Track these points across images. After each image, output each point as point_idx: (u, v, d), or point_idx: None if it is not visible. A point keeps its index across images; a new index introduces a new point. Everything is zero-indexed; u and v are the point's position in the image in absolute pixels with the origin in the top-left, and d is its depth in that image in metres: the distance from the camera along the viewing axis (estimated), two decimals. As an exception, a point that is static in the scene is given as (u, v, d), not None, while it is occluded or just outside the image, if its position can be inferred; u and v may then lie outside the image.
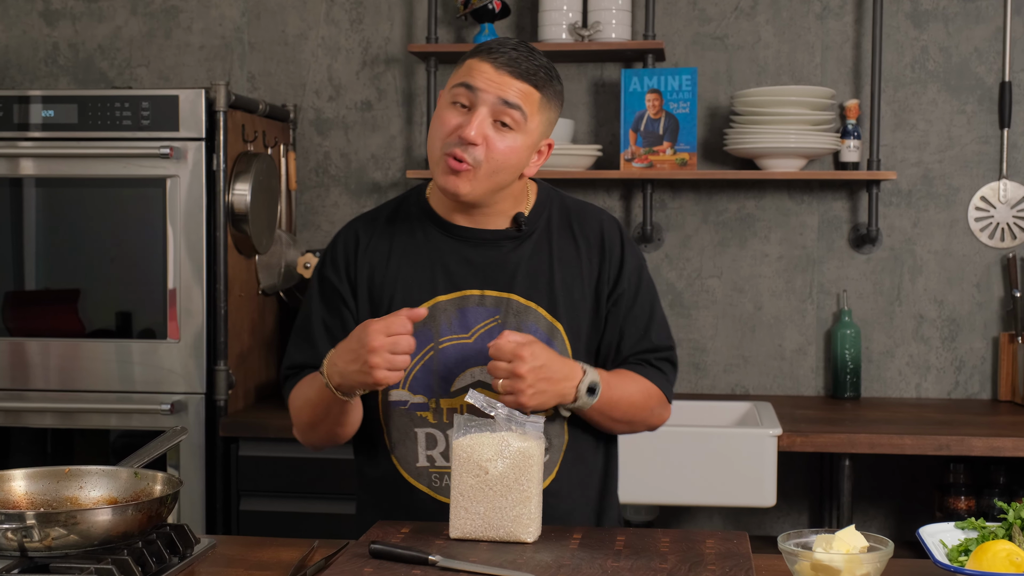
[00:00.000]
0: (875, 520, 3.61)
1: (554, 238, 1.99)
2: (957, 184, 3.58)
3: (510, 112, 1.85)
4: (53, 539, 1.65)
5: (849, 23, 3.60)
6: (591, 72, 3.69)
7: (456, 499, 1.78)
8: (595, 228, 2.01)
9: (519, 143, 1.88)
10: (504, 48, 1.87)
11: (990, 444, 2.98)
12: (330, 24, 3.78)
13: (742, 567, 1.66)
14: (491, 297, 1.94)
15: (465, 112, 1.86)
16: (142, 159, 3.17)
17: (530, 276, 1.96)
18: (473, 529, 1.78)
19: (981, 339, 3.59)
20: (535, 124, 1.89)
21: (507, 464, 1.76)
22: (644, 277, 2.04)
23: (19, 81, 3.88)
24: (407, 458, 1.96)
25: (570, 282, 1.97)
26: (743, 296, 3.66)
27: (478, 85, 1.85)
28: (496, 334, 1.90)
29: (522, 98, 1.86)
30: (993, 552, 1.59)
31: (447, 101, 1.89)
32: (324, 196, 3.79)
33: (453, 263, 1.95)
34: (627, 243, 2.03)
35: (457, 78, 1.89)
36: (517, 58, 1.86)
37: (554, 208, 2.02)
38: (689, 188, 3.67)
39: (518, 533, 1.77)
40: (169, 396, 3.19)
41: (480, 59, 1.87)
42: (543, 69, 1.89)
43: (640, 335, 2.01)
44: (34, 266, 3.28)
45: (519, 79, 1.86)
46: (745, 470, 2.95)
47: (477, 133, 1.84)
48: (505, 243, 1.96)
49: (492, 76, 1.85)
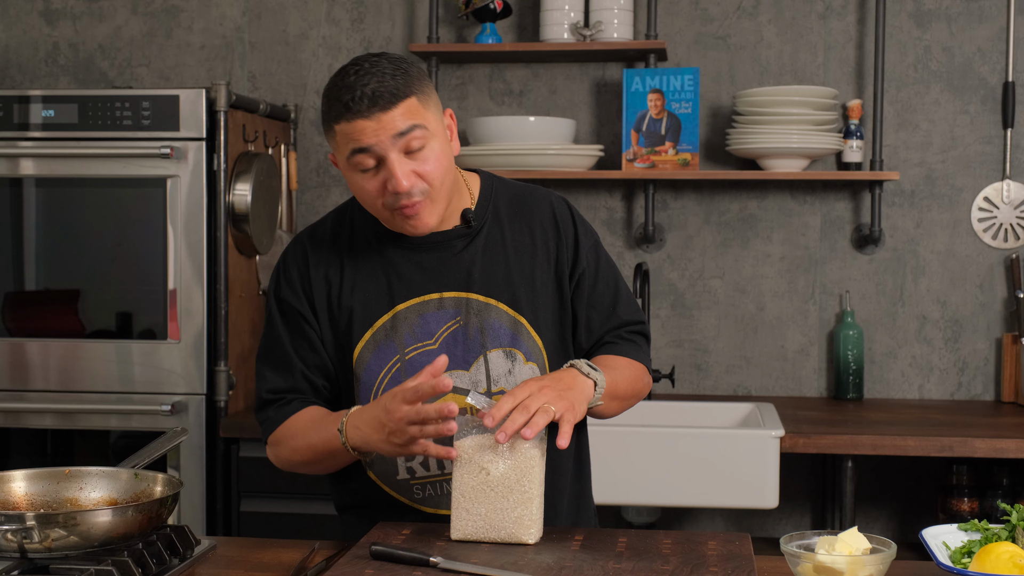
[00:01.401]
0: (878, 522, 3.60)
1: (505, 228, 1.95)
2: (960, 185, 3.57)
3: (412, 136, 1.78)
4: (53, 540, 1.64)
5: (852, 23, 3.59)
6: (593, 72, 3.69)
7: (457, 500, 1.77)
8: (546, 211, 1.98)
9: (437, 147, 1.82)
10: (355, 91, 1.76)
11: (993, 445, 2.97)
12: (331, 24, 3.78)
13: (744, 569, 1.65)
14: (450, 299, 1.91)
15: (378, 171, 1.80)
16: (142, 159, 3.17)
17: (486, 272, 1.92)
18: (474, 530, 1.77)
19: (984, 340, 3.59)
20: (433, 121, 1.82)
21: (508, 465, 1.76)
22: (602, 253, 2.01)
23: (19, 81, 3.88)
24: (387, 472, 1.93)
25: (528, 272, 1.94)
26: (745, 297, 3.65)
27: (369, 143, 1.77)
28: (460, 337, 1.89)
29: (410, 116, 1.78)
30: (996, 554, 1.58)
31: (353, 170, 1.82)
32: (325, 196, 3.79)
33: (407, 270, 1.91)
34: (579, 221, 1.99)
35: (343, 147, 1.80)
36: (374, 92, 1.75)
37: (500, 198, 1.98)
38: (691, 188, 3.66)
39: (519, 534, 1.76)
40: (169, 397, 3.19)
41: (348, 121, 1.77)
42: (398, 75, 1.78)
43: (608, 312, 1.99)
44: (34, 266, 3.28)
45: (392, 106, 1.76)
46: (747, 471, 2.94)
47: (406, 180, 1.79)
48: (456, 242, 1.92)
49: (373, 127, 1.76)
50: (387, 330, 1.90)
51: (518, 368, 1.91)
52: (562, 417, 1.73)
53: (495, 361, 1.90)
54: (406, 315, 1.91)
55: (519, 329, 1.92)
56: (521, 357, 1.92)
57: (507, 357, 1.91)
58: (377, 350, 1.91)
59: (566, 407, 1.75)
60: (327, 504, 3.12)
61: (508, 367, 1.91)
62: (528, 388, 1.75)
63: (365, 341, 1.91)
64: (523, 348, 1.92)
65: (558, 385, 1.78)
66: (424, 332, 1.91)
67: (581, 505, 2.06)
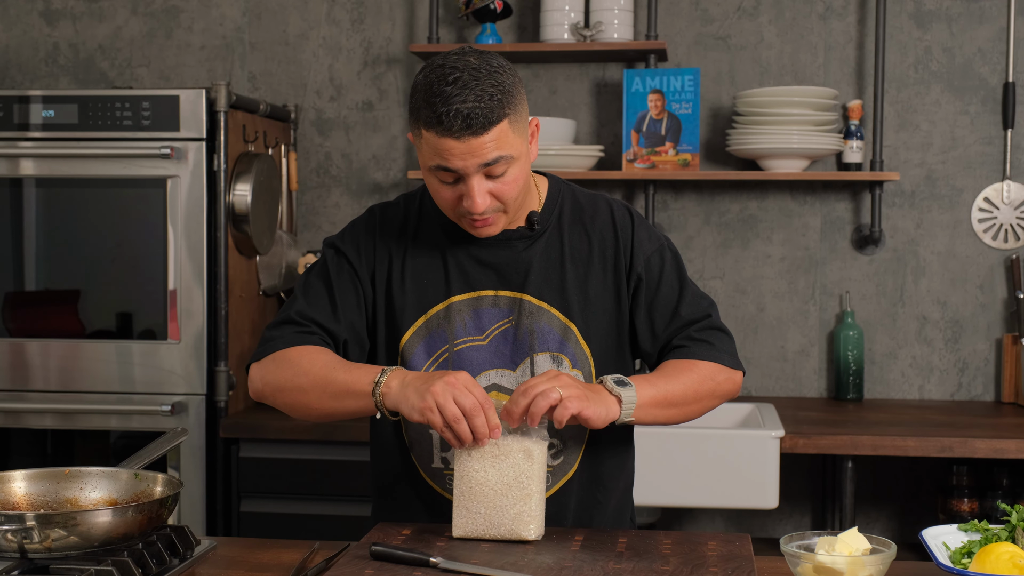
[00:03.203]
0: (878, 522, 3.60)
1: (566, 235, 1.95)
2: (960, 185, 3.57)
3: (495, 166, 1.79)
4: (53, 540, 1.64)
5: (852, 23, 3.59)
6: (593, 72, 3.69)
7: (458, 499, 1.78)
8: (606, 219, 1.97)
9: (518, 169, 1.82)
10: (450, 106, 1.73)
11: (993, 446, 2.97)
12: (331, 24, 3.78)
13: (744, 569, 1.65)
14: (505, 298, 1.92)
15: (456, 183, 1.81)
16: (143, 159, 3.17)
17: (542, 276, 1.93)
18: (475, 528, 1.77)
19: (984, 341, 3.58)
20: (519, 143, 1.81)
21: (507, 463, 1.76)
22: (667, 258, 1.97)
23: (19, 81, 3.88)
24: (423, 458, 1.95)
25: (583, 280, 1.94)
26: (745, 297, 3.65)
27: (455, 166, 1.77)
28: (510, 336, 1.90)
29: (498, 146, 1.76)
30: (996, 554, 1.58)
31: (432, 176, 1.82)
32: (325, 196, 3.79)
33: (467, 264, 1.93)
34: (639, 226, 1.97)
35: (428, 156, 1.79)
36: (470, 114, 1.73)
37: (565, 203, 1.98)
38: (691, 189, 3.66)
39: (519, 531, 1.76)
40: (169, 397, 3.18)
41: (438, 135, 1.75)
42: (496, 94, 1.75)
43: (671, 314, 1.95)
44: (34, 266, 3.27)
45: (483, 133, 1.75)
46: (747, 472, 2.94)
47: (482, 200, 1.80)
48: (518, 243, 1.94)
49: (462, 150, 1.75)
50: (440, 319, 1.92)
51: None
52: (563, 402, 1.73)
53: (541, 364, 1.91)
54: (460, 307, 1.92)
55: (568, 335, 1.92)
56: (567, 363, 1.92)
57: (553, 362, 1.91)
58: (428, 337, 1.92)
59: (576, 395, 1.74)
60: (327, 505, 3.13)
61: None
62: (537, 377, 1.76)
63: (417, 327, 1.93)
64: (570, 354, 1.92)
65: (576, 381, 1.77)
66: (476, 327, 1.92)
67: (622, 518, 2.06)
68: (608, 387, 1.81)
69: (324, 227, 3.77)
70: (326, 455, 3.12)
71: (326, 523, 3.11)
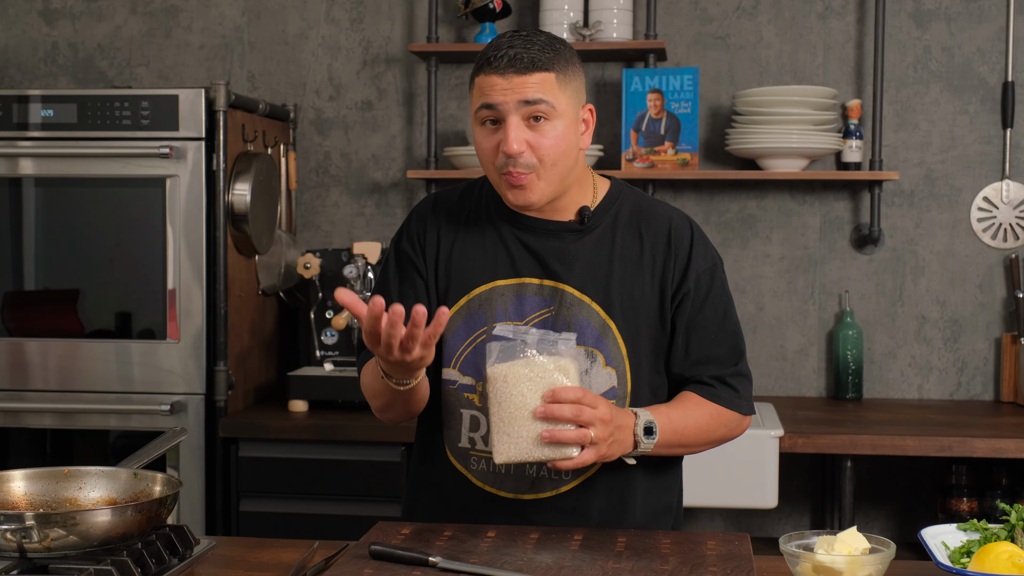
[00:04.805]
0: (877, 521, 3.60)
1: (618, 235, 1.96)
2: (960, 184, 3.57)
3: (536, 108, 1.84)
4: (52, 540, 1.64)
5: (851, 23, 3.59)
6: (592, 72, 3.69)
7: (498, 425, 1.75)
8: (663, 226, 1.96)
9: (560, 129, 1.86)
10: (500, 50, 1.85)
11: (992, 445, 2.97)
12: (330, 23, 3.77)
13: (743, 569, 1.65)
14: (548, 287, 1.93)
15: (497, 128, 1.87)
16: (142, 159, 3.17)
17: (588, 270, 1.93)
18: (518, 453, 1.75)
19: (983, 340, 3.59)
20: (564, 103, 1.87)
21: (544, 382, 1.74)
22: (717, 279, 1.97)
23: (18, 80, 3.87)
24: (451, 437, 1.97)
25: (630, 280, 1.93)
26: (745, 297, 3.65)
27: (495, 100, 1.84)
28: (549, 325, 1.90)
29: (541, 89, 1.84)
30: (995, 554, 1.58)
31: (478, 124, 1.89)
32: (324, 196, 3.79)
33: (515, 250, 1.95)
34: (697, 242, 1.96)
35: (475, 100, 1.89)
36: (516, 55, 1.84)
37: (624, 205, 1.99)
38: (691, 188, 3.66)
39: (563, 451, 1.73)
40: (169, 397, 3.18)
41: (485, 74, 1.86)
42: (547, 50, 1.86)
43: (709, 341, 1.95)
44: (33, 266, 3.27)
45: (528, 72, 1.84)
46: (747, 471, 2.94)
47: (518, 144, 1.84)
48: (567, 235, 1.95)
49: (504, 85, 1.84)
50: (481, 301, 1.93)
51: (596, 370, 1.91)
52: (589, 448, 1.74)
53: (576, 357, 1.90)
54: (503, 291, 1.94)
55: (606, 332, 1.92)
56: (601, 360, 1.92)
57: (588, 356, 1.91)
58: (469, 317, 1.94)
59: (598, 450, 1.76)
60: (327, 504, 3.14)
61: (587, 366, 1.91)
62: (598, 405, 1.75)
63: (459, 307, 1.95)
64: (605, 351, 1.92)
65: (612, 427, 1.77)
66: (517, 312, 1.93)
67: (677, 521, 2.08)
68: (636, 432, 1.82)
69: (323, 227, 3.77)
70: (326, 455, 3.12)
71: (325, 523, 3.11)
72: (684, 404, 1.93)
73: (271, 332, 3.58)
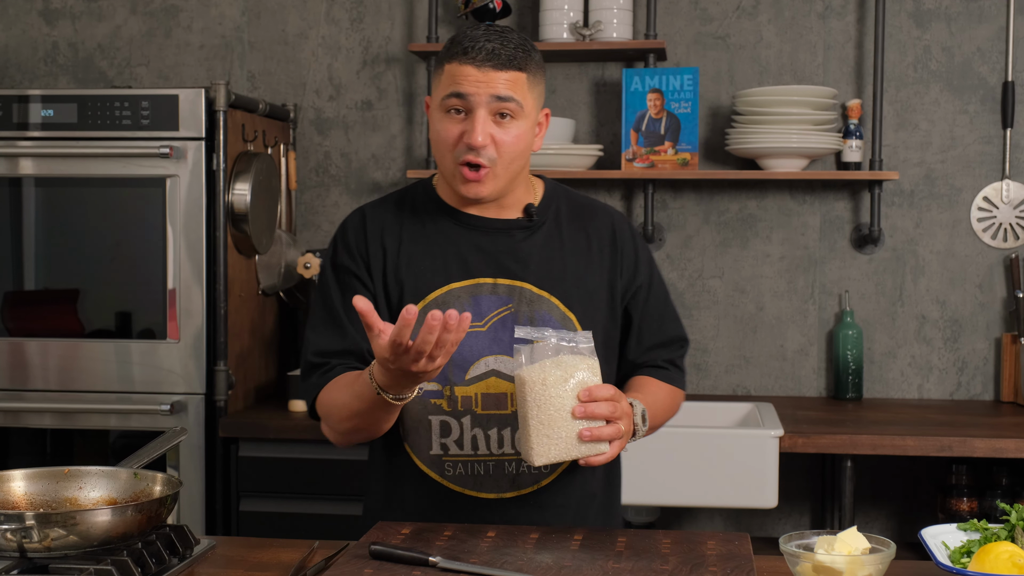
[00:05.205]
0: (877, 521, 3.60)
1: (564, 231, 2.00)
2: (959, 184, 3.57)
3: (505, 105, 1.87)
4: (52, 540, 1.64)
5: (851, 22, 3.59)
6: (592, 72, 3.69)
7: (537, 428, 1.76)
8: (606, 222, 2.04)
9: (523, 128, 1.89)
10: (478, 42, 1.86)
11: (992, 445, 2.97)
12: (330, 23, 3.77)
13: (743, 568, 1.65)
14: (504, 285, 1.94)
15: (463, 117, 1.88)
16: (142, 159, 3.17)
17: (543, 265, 1.96)
18: (558, 453, 1.77)
19: (983, 340, 3.59)
20: (530, 104, 1.91)
21: (575, 381, 1.76)
22: (655, 270, 2.09)
23: (18, 80, 3.87)
24: (420, 446, 1.95)
25: (582, 273, 1.99)
26: (745, 296, 3.65)
27: (468, 91, 1.86)
28: (509, 323, 1.91)
29: (512, 88, 1.87)
30: (995, 554, 1.58)
31: (441, 111, 1.89)
32: (324, 196, 3.79)
33: (466, 251, 1.95)
34: (637, 237, 2.07)
35: (443, 87, 1.89)
36: (494, 49, 1.86)
37: (562, 202, 2.04)
38: (691, 188, 3.66)
39: (598, 447, 1.77)
40: (169, 396, 3.18)
41: (460, 62, 1.87)
42: (520, 48, 1.88)
43: (657, 326, 2.06)
44: (33, 266, 3.27)
45: (503, 69, 1.86)
46: (746, 471, 2.94)
47: (483, 137, 1.86)
48: (517, 232, 1.97)
49: (478, 77, 1.86)
50: (438, 305, 1.92)
51: None
52: (617, 442, 1.79)
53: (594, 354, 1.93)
54: (459, 294, 1.94)
55: (568, 325, 1.95)
56: None
57: None
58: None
59: (624, 442, 1.83)
60: (327, 504, 3.13)
61: None
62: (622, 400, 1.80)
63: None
64: None
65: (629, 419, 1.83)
66: (475, 313, 1.93)
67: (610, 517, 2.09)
68: (635, 421, 1.87)
69: (323, 226, 3.77)
70: (325, 455, 3.12)
71: (325, 522, 3.11)
72: (650, 388, 2.03)
73: (271, 332, 3.58)
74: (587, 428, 1.76)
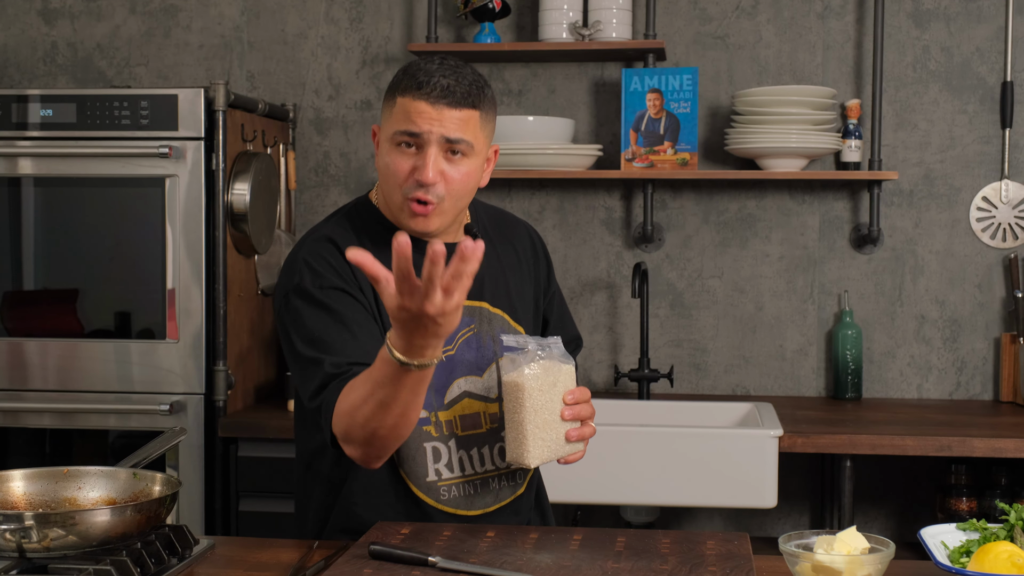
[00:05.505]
0: (876, 521, 3.60)
1: (497, 246, 2.06)
2: (959, 184, 3.58)
3: (457, 145, 1.85)
4: (51, 540, 1.64)
5: (850, 22, 3.59)
6: (591, 72, 3.69)
7: (534, 432, 1.83)
8: (524, 233, 2.14)
9: (473, 166, 1.89)
10: (432, 77, 1.83)
11: (992, 445, 2.97)
12: (330, 23, 3.77)
13: (743, 568, 1.65)
14: (465, 307, 1.89)
15: (414, 152, 1.85)
16: (141, 158, 3.16)
17: (493, 283, 2.02)
18: (550, 454, 1.87)
19: (983, 340, 3.59)
20: (481, 142, 1.89)
21: (560, 386, 1.87)
22: (554, 273, 2.22)
23: (17, 80, 3.87)
24: (416, 473, 1.94)
25: (520, 286, 2.07)
26: (744, 296, 3.65)
27: (421, 129, 1.83)
28: (473, 343, 1.96)
29: (464, 127, 1.85)
30: (995, 553, 1.58)
31: (392, 144, 1.86)
32: (324, 196, 3.79)
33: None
34: (545, 244, 2.19)
35: (396, 122, 1.85)
36: (449, 86, 1.83)
37: (483, 217, 2.09)
38: (690, 188, 3.66)
39: (579, 445, 1.90)
40: (168, 396, 3.18)
41: (413, 97, 1.83)
42: (475, 85, 1.86)
43: (561, 327, 2.20)
44: (33, 266, 3.27)
45: (457, 107, 1.83)
46: (746, 471, 2.94)
47: (434, 174, 1.84)
48: None
49: (431, 115, 1.83)
50: None
51: None
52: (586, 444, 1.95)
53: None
54: None
55: None
56: None
57: None
58: None
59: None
60: (326, 504, 3.13)
61: None
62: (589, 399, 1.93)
63: None
64: None
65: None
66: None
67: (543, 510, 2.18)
68: None
69: (323, 226, 3.76)
70: (325, 454, 3.11)
71: (325, 522, 3.11)
72: None
73: (270, 332, 3.58)
74: (575, 429, 1.87)
